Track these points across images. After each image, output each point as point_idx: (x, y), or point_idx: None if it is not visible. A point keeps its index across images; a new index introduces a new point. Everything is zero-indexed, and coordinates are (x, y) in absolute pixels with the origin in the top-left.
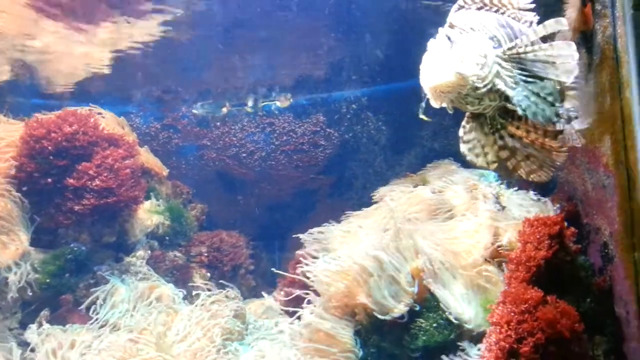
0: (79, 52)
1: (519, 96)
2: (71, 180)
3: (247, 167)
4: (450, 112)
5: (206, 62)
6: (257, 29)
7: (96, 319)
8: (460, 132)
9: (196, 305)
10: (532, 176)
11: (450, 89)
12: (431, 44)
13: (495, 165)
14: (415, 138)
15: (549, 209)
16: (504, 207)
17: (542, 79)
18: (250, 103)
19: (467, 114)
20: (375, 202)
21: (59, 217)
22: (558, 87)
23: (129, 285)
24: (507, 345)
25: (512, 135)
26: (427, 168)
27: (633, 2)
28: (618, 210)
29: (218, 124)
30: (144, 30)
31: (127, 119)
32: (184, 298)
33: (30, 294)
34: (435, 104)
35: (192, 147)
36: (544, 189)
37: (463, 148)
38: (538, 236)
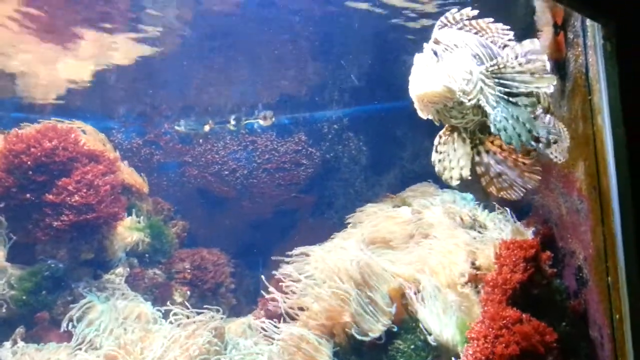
0: (60, 67)
1: (498, 116)
2: (50, 196)
3: (229, 184)
4: (437, 124)
5: (190, 80)
6: (241, 48)
7: (73, 337)
8: (436, 140)
9: (171, 323)
10: (502, 193)
11: (437, 100)
12: (418, 57)
13: (458, 182)
14: (396, 159)
15: (525, 232)
16: (480, 229)
17: (526, 94)
18: (233, 121)
19: (447, 126)
20: (356, 222)
21: (36, 233)
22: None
23: (107, 303)
24: (482, 357)
25: (487, 151)
26: (407, 189)
27: (603, 33)
28: (592, 234)
29: (200, 141)
30: (127, 47)
31: (109, 134)
32: (163, 316)
33: (5, 310)
34: (422, 115)
35: (174, 163)
36: (520, 212)
37: (434, 157)
38: (514, 259)
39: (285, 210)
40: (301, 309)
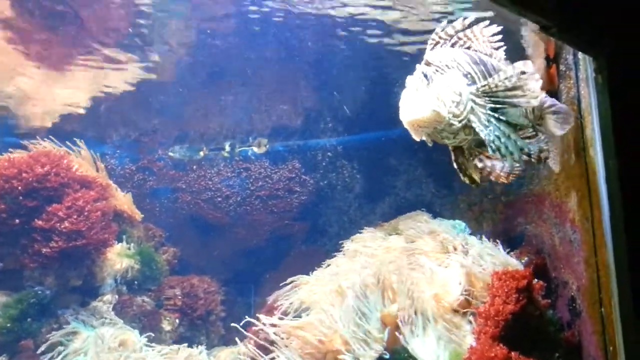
0: (56, 93)
1: (491, 136)
2: (40, 222)
3: (222, 211)
4: (429, 145)
5: (184, 106)
6: (236, 76)
7: None
8: (453, 163)
9: (159, 352)
10: (510, 178)
11: (427, 124)
12: (409, 80)
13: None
14: (389, 188)
15: (517, 262)
16: (473, 258)
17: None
18: (227, 148)
19: (451, 147)
20: (349, 250)
21: (24, 260)
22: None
23: (93, 331)
24: None
25: (488, 157)
26: (399, 218)
27: (595, 66)
28: (585, 265)
29: (194, 167)
30: (122, 74)
31: (102, 159)
32: (151, 345)
33: None
34: (415, 137)
35: (166, 189)
36: (512, 242)
37: (459, 173)
38: (506, 290)
39: (278, 238)
40: (292, 337)
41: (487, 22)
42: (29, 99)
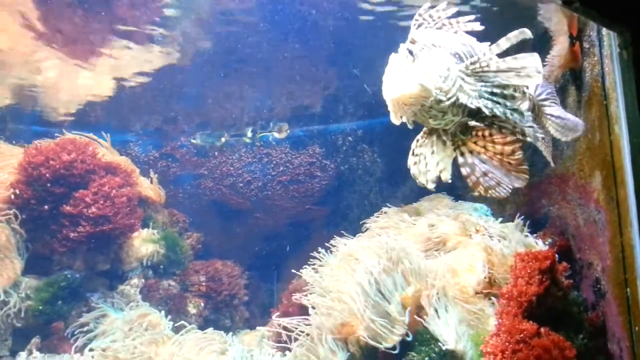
0: (80, 81)
1: (488, 103)
2: (67, 208)
3: (244, 196)
4: (410, 127)
5: (206, 93)
6: (256, 61)
7: (87, 348)
8: (413, 144)
9: (185, 333)
10: (489, 192)
11: (414, 101)
12: (393, 57)
13: (434, 185)
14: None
15: (540, 244)
16: (495, 241)
17: (505, 86)
18: (248, 134)
19: (425, 129)
20: (369, 231)
21: (54, 244)
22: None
23: (121, 314)
24: None
25: (471, 152)
26: (421, 201)
27: (619, 41)
28: (609, 245)
29: (216, 153)
30: (145, 61)
31: (126, 147)
32: (177, 327)
33: (22, 322)
34: (395, 120)
35: (189, 176)
36: (536, 224)
37: (410, 160)
38: (529, 271)
39: (300, 223)
40: (316, 318)
41: (473, 17)
42: (53, 88)
